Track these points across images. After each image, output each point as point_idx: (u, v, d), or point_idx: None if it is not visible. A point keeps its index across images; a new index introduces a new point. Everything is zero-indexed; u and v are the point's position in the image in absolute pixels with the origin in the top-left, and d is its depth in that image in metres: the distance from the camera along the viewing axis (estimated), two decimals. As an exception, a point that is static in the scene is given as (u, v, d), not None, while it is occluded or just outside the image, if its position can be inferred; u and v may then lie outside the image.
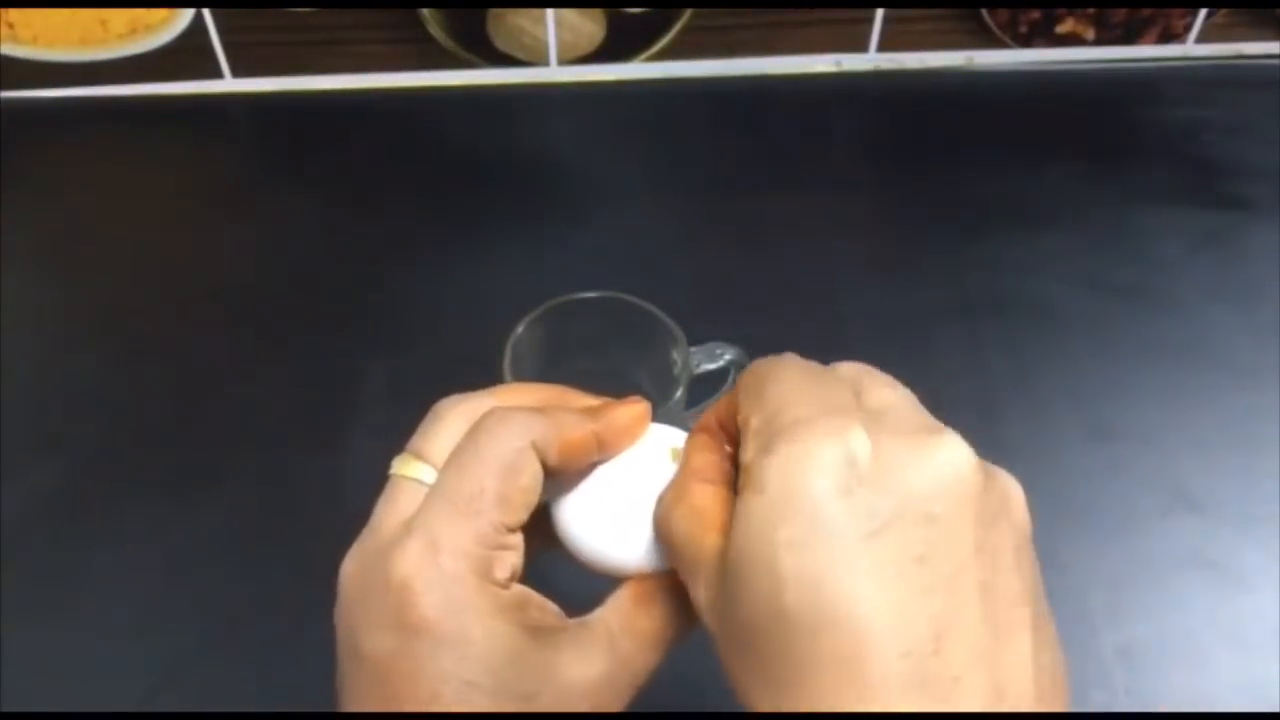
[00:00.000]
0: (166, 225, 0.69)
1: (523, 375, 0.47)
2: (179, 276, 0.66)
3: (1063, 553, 0.52)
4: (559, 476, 0.31)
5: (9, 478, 0.54)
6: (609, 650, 0.29)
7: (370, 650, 0.28)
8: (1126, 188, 0.70)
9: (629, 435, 0.32)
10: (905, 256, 0.66)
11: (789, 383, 0.28)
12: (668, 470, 0.31)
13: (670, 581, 0.30)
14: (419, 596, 0.27)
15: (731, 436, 0.30)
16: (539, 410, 0.30)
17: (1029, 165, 0.72)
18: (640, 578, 0.31)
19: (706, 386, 0.49)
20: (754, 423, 0.27)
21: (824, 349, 0.61)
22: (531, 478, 0.29)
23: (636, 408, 0.32)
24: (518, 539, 0.29)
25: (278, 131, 0.77)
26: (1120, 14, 0.77)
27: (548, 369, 0.50)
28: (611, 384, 0.51)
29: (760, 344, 0.61)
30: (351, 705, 0.28)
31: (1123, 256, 0.66)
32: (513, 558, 0.29)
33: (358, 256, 0.66)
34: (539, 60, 0.77)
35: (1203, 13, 0.77)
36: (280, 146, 0.76)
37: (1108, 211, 0.69)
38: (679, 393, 0.47)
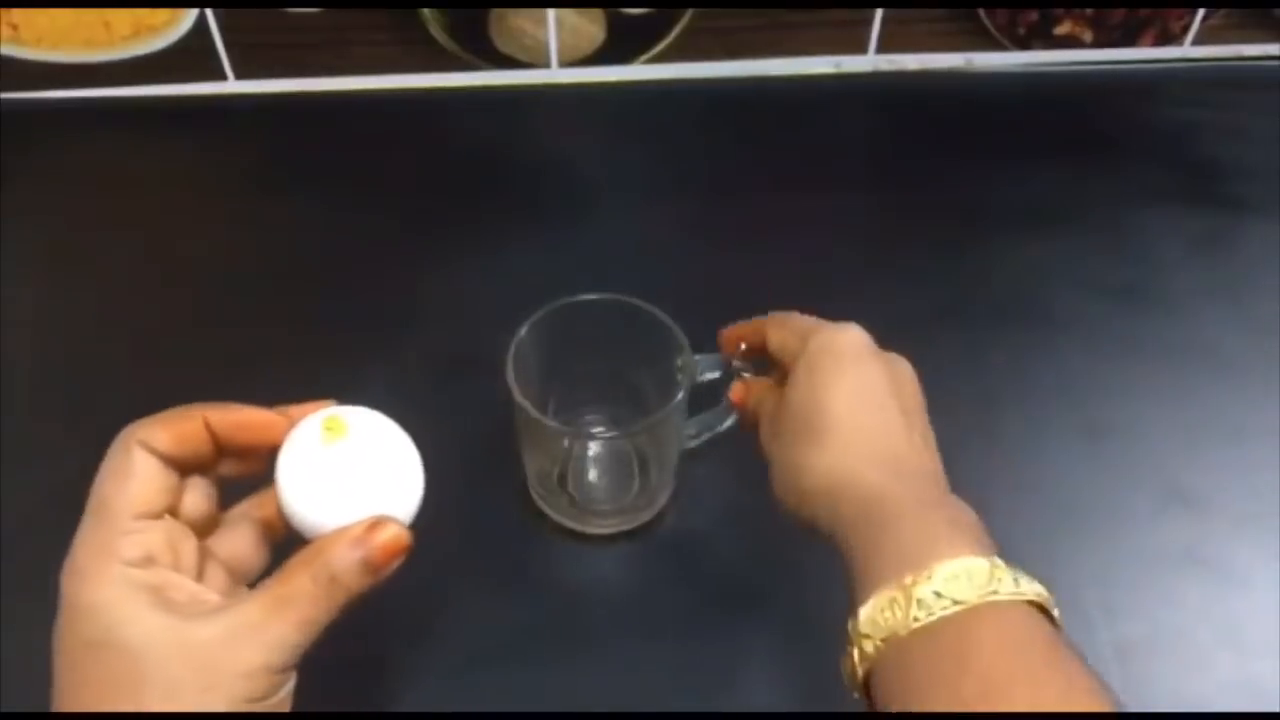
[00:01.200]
0: (168, 226, 0.70)
1: (526, 377, 0.48)
2: (180, 277, 0.66)
3: (1057, 550, 0.52)
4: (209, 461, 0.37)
5: (9, 478, 0.54)
6: (238, 619, 0.33)
7: (63, 654, 0.33)
8: (1124, 188, 0.71)
9: (245, 427, 0.36)
10: (903, 257, 0.67)
11: (800, 317, 0.45)
12: (320, 447, 0.35)
13: (317, 552, 0.35)
14: (66, 589, 0.33)
15: (756, 353, 0.47)
16: (151, 417, 0.36)
17: (1027, 166, 0.72)
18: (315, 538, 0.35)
19: (709, 396, 0.50)
20: (791, 338, 0.44)
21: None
22: (142, 469, 0.34)
23: (259, 414, 0.37)
24: (148, 525, 0.34)
25: (280, 132, 0.77)
26: (1118, 15, 0.77)
27: (550, 371, 0.50)
28: (613, 386, 0.52)
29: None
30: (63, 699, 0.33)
31: (1120, 257, 0.66)
32: (142, 541, 0.33)
33: (359, 257, 0.67)
34: (540, 62, 0.78)
35: (1200, 14, 0.77)
36: (283, 147, 0.76)
37: (1105, 212, 0.69)
38: (680, 395, 0.47)
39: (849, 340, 0.43)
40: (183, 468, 0.36)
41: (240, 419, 0.36)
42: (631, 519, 0.54)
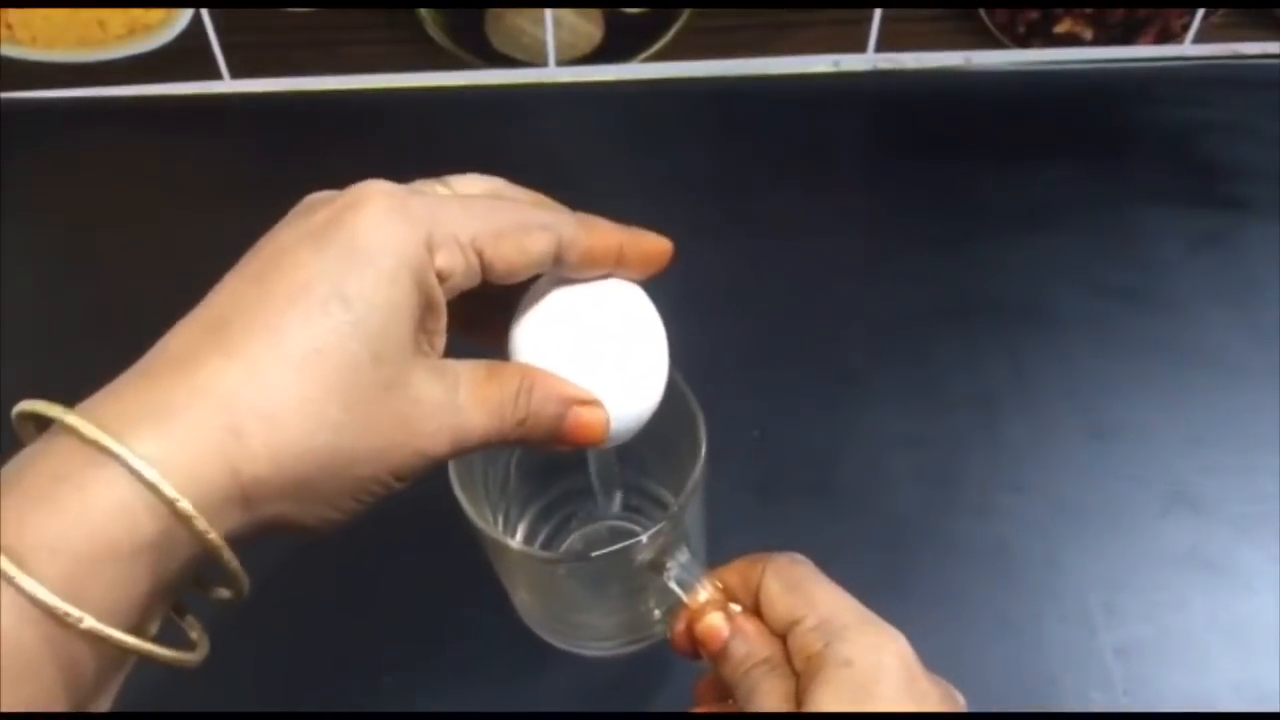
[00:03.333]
0: (166, 225, 0.69)
1: (478, 484, 0.41)
2: (179, 276, 0.65)
3: (1060, 552, 0.52)
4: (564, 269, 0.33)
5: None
6: (450, 388, 0.29)
7: (280, 238, 0.29)
8: (1124, 188, 0.71)
9: (644, 261, 0.34)
10: (903, 257, 0.66)
11: (823, 588, 0.34)
12: (623, 305, 0.33)
13: (532, 381, 0.31)
14: (359, 213, 0.28)
15: (752, 607, 0.35)
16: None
17: (1027, 165, 0.72)
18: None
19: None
20: (810, 620, 0.32)
21: (823, 349, 0.62)
22: (539, 248, 0.31)
23: (661, 243, 0.35)
24: (474, 261, 0.30)
25: (276, 132, 0.76)
26: (1118, 14, 0.77)
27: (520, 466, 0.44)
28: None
29: (759, 343, 0.61)
30: (215, 294, 0.29)
31: (1120, 256, 0.66)
32: (461, 264, 0.29)
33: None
34: (538, 61, 0.77)
35: (1200, 13, 0.77)
36: (279, 147, 0.76)
37: (1105, 211, 0.69)
38: (697, 470, 0.39)
39: (889, 667, 0.31)
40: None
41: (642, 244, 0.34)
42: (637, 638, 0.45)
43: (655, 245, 0.34)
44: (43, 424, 0.27)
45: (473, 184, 0.33)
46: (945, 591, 0.51)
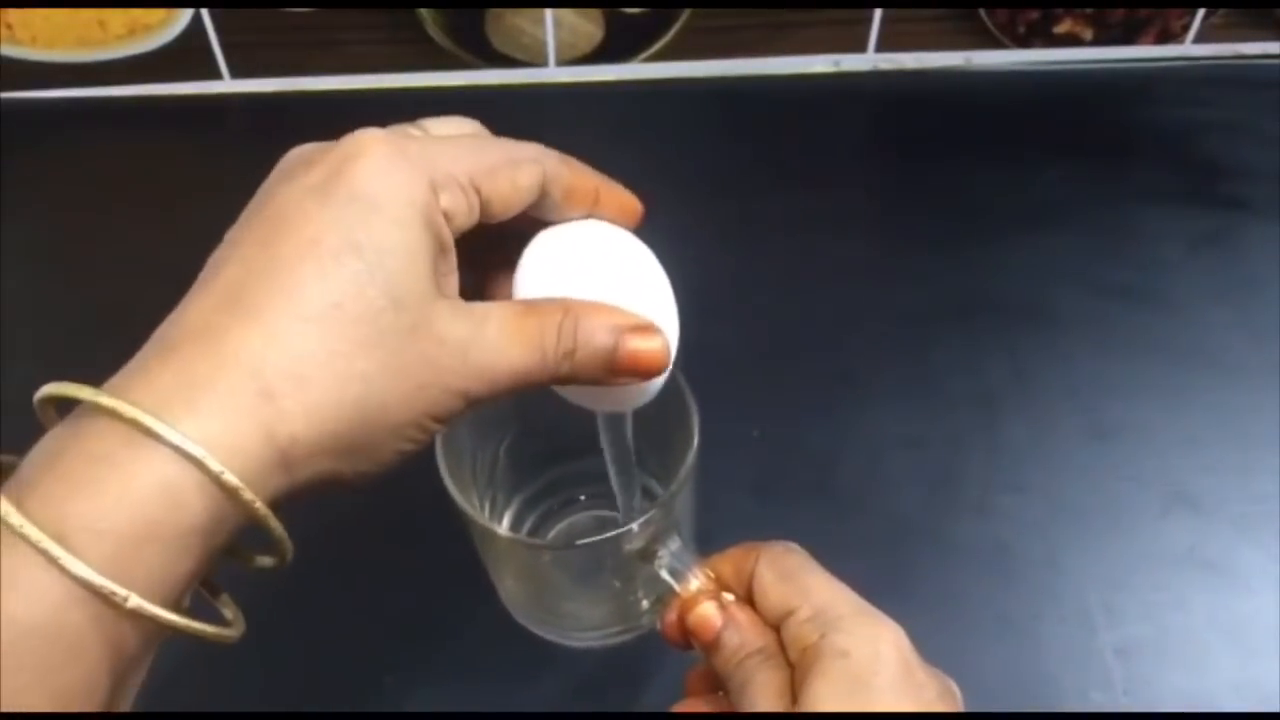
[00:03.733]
0: (166, 226, 0.69)
1: (464, 466, 0.40)
2: (178, 277, 0.66)
3: (1060, 552, 0.52)
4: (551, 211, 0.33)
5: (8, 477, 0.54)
6: (477, 325, 0.29)
7: (278, 197, 0.29)
8: (1124, 188, 0.71)
9: (621, 209, 0.34)
10: (903, 256, 0.66)
11: (818, 578, 0.33)
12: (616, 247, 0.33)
13: (578, 311, 0.30)
14: (359, 162, 0.28)
15: (745, 597, 0.34)
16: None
17: (1027, 165, 0.72)
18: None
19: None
20: (805, 610, 0.32)
21: (822, 349, 0.62)
22: (529, 180, 0.31)
23: (633, 199, 0.34)
24: (474, 200, 0.30)
25: (277, 132, 0.75)
26: (1118, 14, 0.77)
27: (508, 453, 0.43)
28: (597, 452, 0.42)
29: (758, 343, 0.61)
30: (222, 262, 0.28)
31: (1121, 256, 0.66)
32: (463, 204, 0.29)
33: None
34: (538, 61, 0.77)
35: (1201, 13, 0.77)
36: (279, 147, 0.75)
37: (1105, 211, 0.69)
38: (689, 457, 0.39)
39: (886, 658, 0.31)
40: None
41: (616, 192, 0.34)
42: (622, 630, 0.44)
43: (628, 197, 0.34)
44: (62, 408, 0.27)
45: (452, 125, 0.33)
46: (945, 592, 0.51)
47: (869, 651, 0.30)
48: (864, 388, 0.59)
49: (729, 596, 0.34)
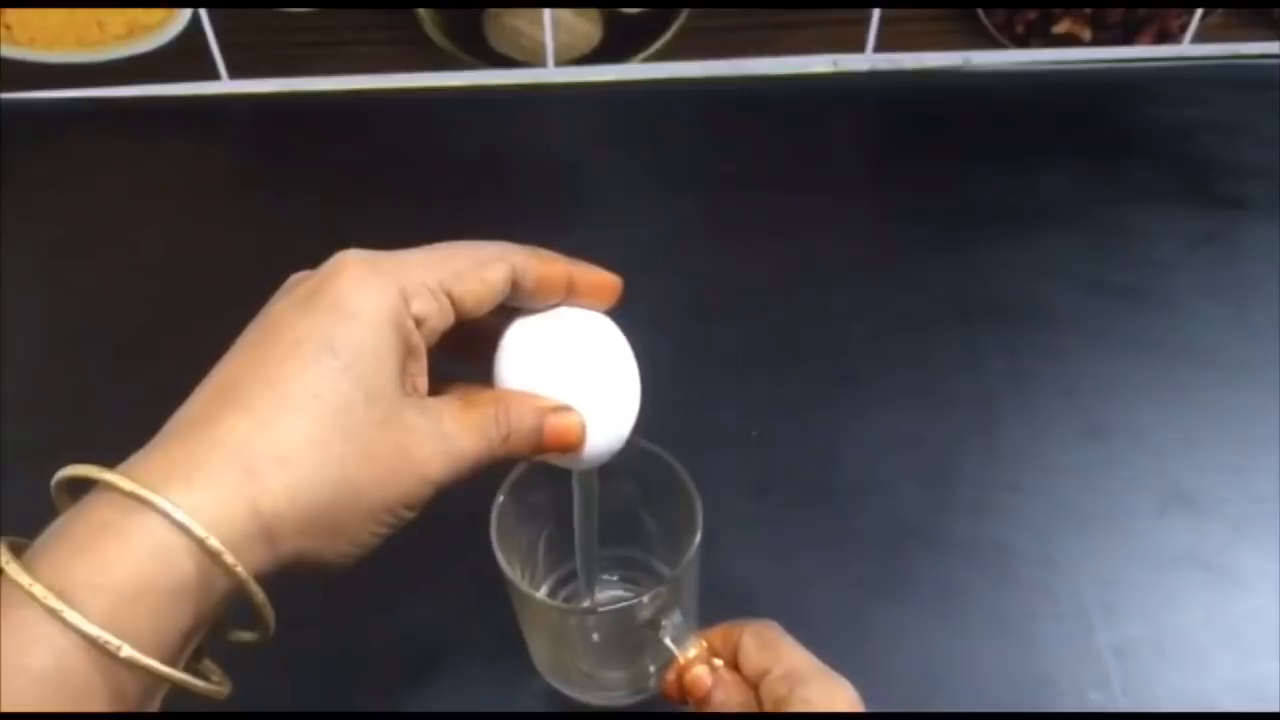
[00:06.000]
0: (165, 226, 0.69)
1: (511, 542, 0.44)
2: (177, 277, 0.66)
3: (1058, 552, 0.52)
4: (528, 300, 0.36)
5: (9, 478, 0.54)
6: (435, 419, 0.33)
7: (272, 312, 0.32)
8: (1122, 187, 0.71)
9: (597, 290, 0.37)
10: (901, 256, 0.66)
11: (789, 645, 0.38)
12: (567, 332, 0.36)
13: (507, 400, 0.35)
14: (338, 278, 0.32)
15: (731, 662, 0.39)
16: (528, 251, 0.36)
17: (1025, 165, 0.72)
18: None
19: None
20: (777, 670, 0.38)
21: (820, 348, 0.62)
22: (497, 276, 0.34)
23: (609, 277, 0.37)
24: (445, 304, 0.33)
25: (275, 132, 0.76)
26: (1116, 14, 0.77)
27: (541, 529, 0.47)
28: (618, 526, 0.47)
29: (755, 342, 0.61)
30: (222, 363, 0.32)
31: (1118, 256, 0.66)
32: (434, 308, 0.33)
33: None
34: (536, 61, 0.77)
35: (1199, 13, 0.77)
36: (277, 147, 0.76)
37: (1103, 211, 0.69)
38: (694, 546, 0.42)
39: (841, 705, 0.37)
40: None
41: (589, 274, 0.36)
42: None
43: (603, 276, 0.37)
44: (76, 490, 0.30)
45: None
46: (943, 590, 0.51)
47: (827, 701, 0.36)
48: (862, 387, 0.59)
49: (718, 661, 0.40)
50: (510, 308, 0.36)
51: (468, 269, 0.34)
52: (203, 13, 0.73)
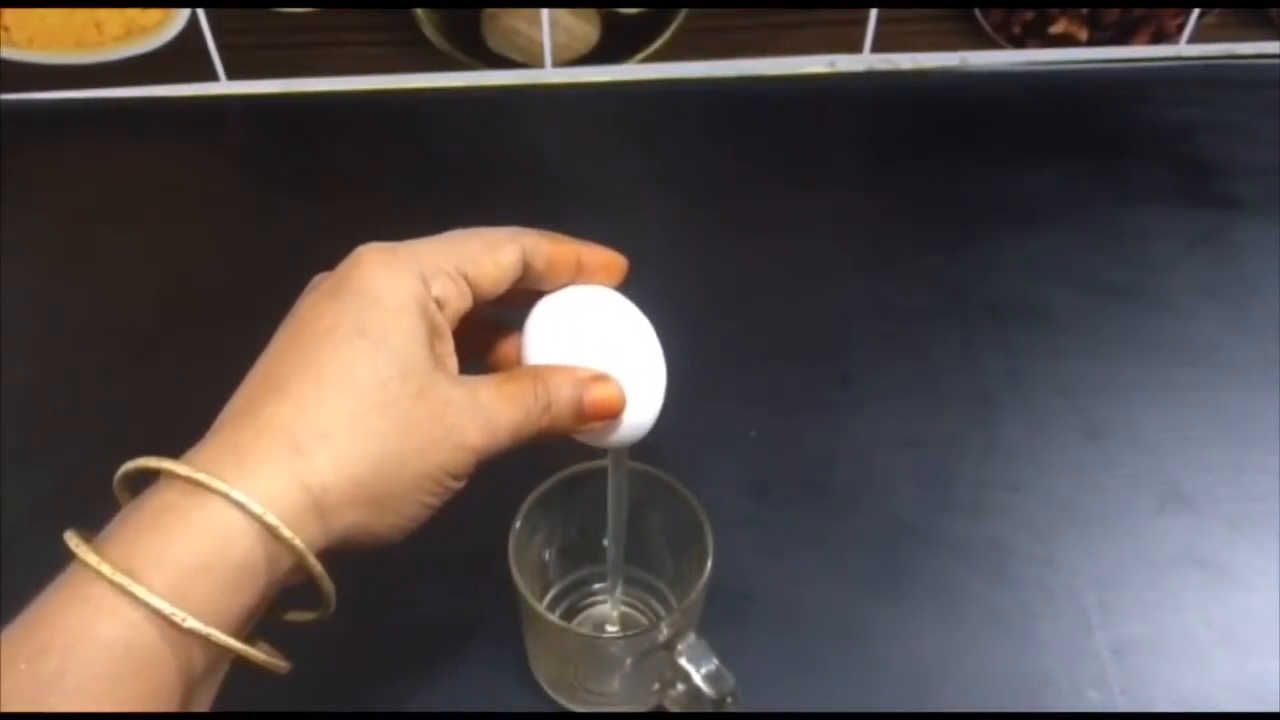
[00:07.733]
0: (164, 227, 0.69)
1: (528, 559, 0.45)
2: (177, 277, 0.66)
3: (1056, 552, 0.52)
4: (542, 283, 0.38)
5: (9, 478, 0.54)
6: (471, 392, 0.34)
7: (301, 306, 0.34)
8: (1120, 187, 0.71)
9: (605, 269, 0.38)
10: (899, 257, 0.67)
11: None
12: (593, 309, 0.37)
13: (545, 373, 0.36)
14: (360, 268, 0.34)
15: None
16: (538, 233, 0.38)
17: (1023, 165, 0.72)
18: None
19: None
20: None
21: (818, 348, 0.62)
22: (509, 258, 0.36)
23: (616, 256, 0.39)
24: (462, 285, 0.35)
25: (273, 133, 0.76)
26: (1113, 14, 0.77)
27: (554, 546, 0.48)
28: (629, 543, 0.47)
29: (753, 342, 0.61)
30: (261, 359, 0.34)
31: (1116, 256, 0.66)
32: (454, 290, 0.35)
33: (353, 258, 0.66)
34: (534, 62, 0.77)
35: (1195, 13, 0.77)
36: (275, 148, 0.76)
37: (1101, 211, 0.69)
38: (705, 573, 0.42)
39: None
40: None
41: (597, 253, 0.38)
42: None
43: (610, 255, 0.39)
44: (135, 487, 0.31)
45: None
46: (941, 590, 0.51)
47: None
48: (860, 387, 0.59)
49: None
50: (528, 296, 0.38)
51: (481, 252, 0.36)
52: (201, 13, 0.73)
